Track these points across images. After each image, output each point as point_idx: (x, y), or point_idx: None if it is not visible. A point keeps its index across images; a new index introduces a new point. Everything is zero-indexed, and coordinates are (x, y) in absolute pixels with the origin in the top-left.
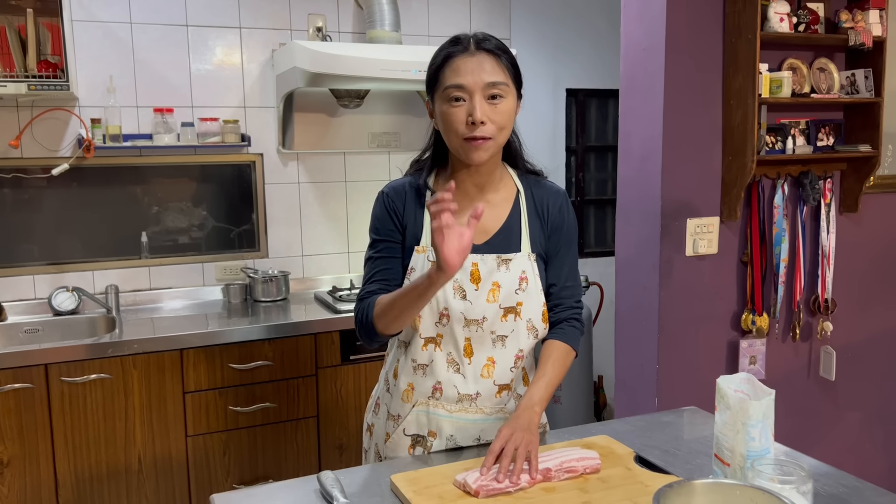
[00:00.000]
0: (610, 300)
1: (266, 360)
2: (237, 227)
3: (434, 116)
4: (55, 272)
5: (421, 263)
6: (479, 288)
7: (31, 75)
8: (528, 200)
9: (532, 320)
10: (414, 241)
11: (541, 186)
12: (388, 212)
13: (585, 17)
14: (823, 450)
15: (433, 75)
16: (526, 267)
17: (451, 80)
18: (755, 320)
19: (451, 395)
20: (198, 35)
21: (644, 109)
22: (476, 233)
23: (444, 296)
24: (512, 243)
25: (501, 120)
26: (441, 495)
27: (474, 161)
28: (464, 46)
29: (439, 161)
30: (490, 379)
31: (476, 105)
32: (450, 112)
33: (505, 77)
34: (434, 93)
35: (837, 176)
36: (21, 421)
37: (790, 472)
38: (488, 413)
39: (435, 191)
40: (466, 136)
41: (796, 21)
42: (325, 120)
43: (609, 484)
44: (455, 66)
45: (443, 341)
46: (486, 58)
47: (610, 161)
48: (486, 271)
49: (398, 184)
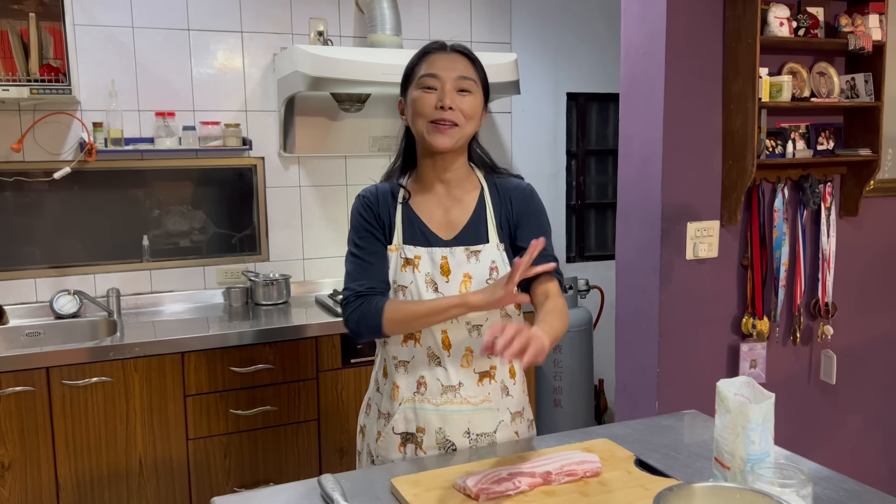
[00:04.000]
0: (610, 304)
1: (267, 364)
2: (238, 231)
3: (405, 113)
4: (57, 275)
5: (394, 261)
6: (450, 280)
7: (34, 79)
8: (493, 193)
9: (505, 308)
10: (387, 239)
11: (504, 180)
12: (369, 209)
13: (586, 20)
14: (824, 453)
15: (409, 71)
16: (495, 257)
17: (426, 70)
18: (755, 324)
19: (434, 388)
20: (199, 39)
21: (644, 113)
22: (444, 228)
23: (418, 290)
24: (480, 235)
25: (468, 110)
26: (442, 498)
27: (439, 146)
28: (440, 46)
29: (410, 164)
30: (470, 368)
31: (446, 92)
32: (421, 97)
33: (475, 77)
34: (408, 86)
35: (837, 180)
36: (22, 424)
37: (790, 476)
38: (474, 403)
39: (406, 188)
40: (433, 118)
41: (796, 25)
42: (326, 124)
43: (609, 487)
44: (430, 60)
45: (421, 336)
46: (460, 57)
47: (611, 165)
48: (455, 264)
49: (371, 188)
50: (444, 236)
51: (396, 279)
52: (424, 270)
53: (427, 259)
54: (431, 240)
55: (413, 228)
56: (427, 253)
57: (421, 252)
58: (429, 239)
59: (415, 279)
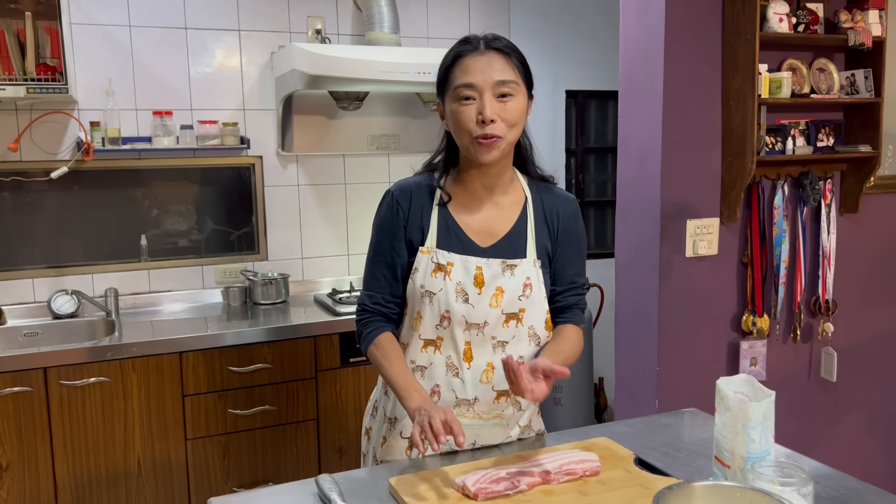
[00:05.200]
0: (610, 302)
1: (265, 363)
2: (237, 230)
3: (445, 117)
4: (54, 275)
5: (425, 264)
6: (483, 292)
7: (30, 78)
8: (537, 207)
9: (534, 327)
10: (419, 240)
11: (551, 193)
12: (393, 212)
13: (585, 18)
14: (824, 451)
15: (443, 76)
16: (531, 273)
17: (461, 79)
18: (756, 321)
19: (448, 398)
20: (197, 38)
21: (643, 111)
22: (482, 236)
23: (447, 298)
24: (518, 249)
25: (511, 118)
26: (440, 498)
27: (484, 160)
28: (473, 46)
29: (451, 162)
30: (489, 384)
31: (486, 103)
32: (460, 111)
33: (515, 76)
34: (445, 93)
35: (837, 176)
36: (20, 425)
37: (790, 474)
38: (485, 419)
39: (446, 190)
40: (476, 135)
41: (795, 21)
42: (324, 122)
43: (608, 486)
44: (465, 66)
45: (443, 344)
46: (496, 56)
47: (610, 163)
48: (489, 275)
49: (405, 183)
50: (482, 244)
51: (425, 284)
52: (456, 279)
53: (460, 267)
54: (468, 246)
55: (449, 232)
56: (461, 261)
57: (455, 259)
58: (465, 245)
59: (445, 287)
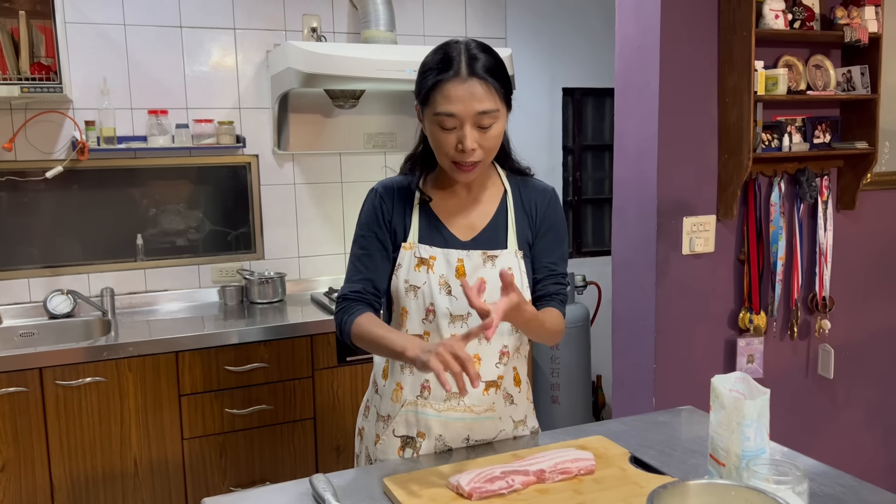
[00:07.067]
0: (607, 300)
1: (262, 362)
2: (233, 229)
3: (423, 123)
4: (50, 275)
5: (408, 260)
6: None
7: (24, 78)
8: (516, 198)
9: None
10: (402, 237)
11: (528, 185)
12: (377, 210)
13: (581, 15)
14: (822, 448)
15: (424, 92)
16: (512, 264)
17: (442, 108)
18: (753, 319)
19: (438, 393)
20: (192, 36)
21: (639, 108)
22: (463, 229)
23: (430, 291)
24: (499, 240)
25: (490, 145)
26: (434, 497)
27: (463, 181)
28: (455, 71)
29: (429, 161)
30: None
31: (466, 134)
32: (440, 136)
33: (496, 103)
34: (424, 108)
35: (834, 173)
36: (16, 425)
37: (786, 472)
38: (477, 412)
39: (424, 192)
40: (455, 160)
41: (791, 18)
42: (320, 120)
43: (603, 485)
44: (446, 93)
45: (429, 339)
46: (477, 84)
47: (607, 160)
48: (471, 267)
49: (389, 182)
50: (463, 238)
51: (409, 279)
52: (439, 272)
53: (442, 260)
54: (449, 240)
55: (430, 228)
56: (443, 254)
57: (437, 253)
58: (446, 239)
59: (428, 280)
